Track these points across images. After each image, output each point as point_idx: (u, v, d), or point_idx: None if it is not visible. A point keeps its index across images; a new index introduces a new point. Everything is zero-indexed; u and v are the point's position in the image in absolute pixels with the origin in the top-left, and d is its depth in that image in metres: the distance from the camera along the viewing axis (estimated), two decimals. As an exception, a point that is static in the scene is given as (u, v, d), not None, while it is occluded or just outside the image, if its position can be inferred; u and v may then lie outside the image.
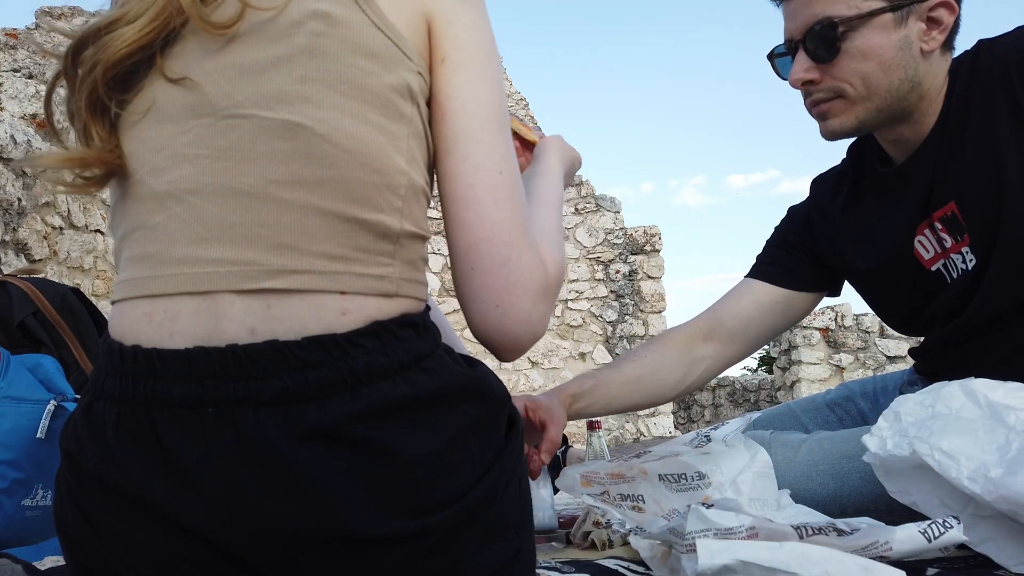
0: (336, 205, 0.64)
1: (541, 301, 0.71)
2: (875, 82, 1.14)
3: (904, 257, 1.26)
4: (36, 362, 1.26)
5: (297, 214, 0.63)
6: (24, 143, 3.11)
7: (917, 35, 1.14)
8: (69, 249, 3.56)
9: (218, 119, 0.65)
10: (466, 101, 0.71)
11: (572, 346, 8.04)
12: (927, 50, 1.14)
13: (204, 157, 0.65)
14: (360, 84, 0.65)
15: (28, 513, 1.15)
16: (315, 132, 0.64)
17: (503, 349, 0.72)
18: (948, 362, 1.27)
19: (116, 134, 0.69)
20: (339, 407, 0.60)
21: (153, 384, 0.62)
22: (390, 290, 0.66)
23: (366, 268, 0.65)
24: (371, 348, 0.62)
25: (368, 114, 0.65)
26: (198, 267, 0.64)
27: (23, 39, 4.23)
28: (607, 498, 1.06)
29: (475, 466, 0.66)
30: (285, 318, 0.62)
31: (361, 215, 0.65)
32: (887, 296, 1.35)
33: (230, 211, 0.64)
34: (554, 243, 0.76)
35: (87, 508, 0.65)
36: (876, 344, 7.65)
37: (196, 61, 0.66)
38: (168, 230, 0.65)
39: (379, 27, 0.66)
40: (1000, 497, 0.83)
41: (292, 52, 0.65)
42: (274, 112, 0.64)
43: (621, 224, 8.29)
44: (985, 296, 1.18)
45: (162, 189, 0.65)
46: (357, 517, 0.61)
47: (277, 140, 0.64)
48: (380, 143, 0.66)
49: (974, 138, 1.15)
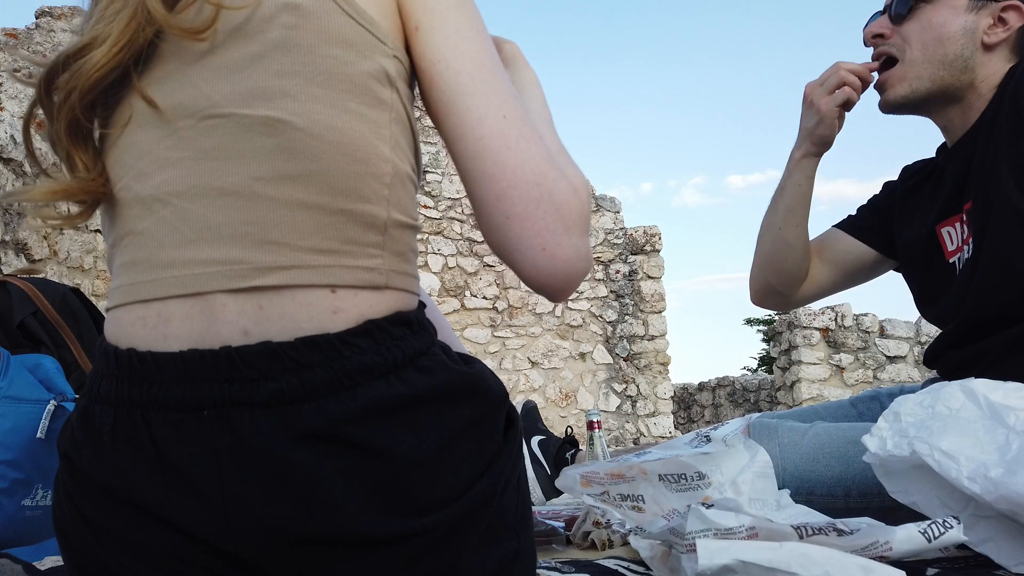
0: (321, 198, 0.64)
1: (583, 231, 0.68)
2: (931, 51, 1.27)
3: (931, 243, 1.34)
4: (36, 362, 1.26)
5: (283, 210, 0.63)
6: (24, 143, 3.11)
7: (984, 27, 1.26)
8: (69, 249, 3.56)
9: (199, 120, 0.65)
10: (449, 59, 0.69)
11: (572, 346, 8.04)
12: (988, 43, 1.26)
13: (188, 159, 0.65)
14: (336, 73, 0.65)
15: (28, 513, 1.15)
16: (295, 126, 0.63)
17: (559, 291, 0.69)
18: (952, 364, 1.28)
19: (101, 159, 0.69)
20: (334, 407, 0.60)
21: (149, 387, 0.62)
22: (379, 282, 0.66)
23: (355, 260, 0.65)
24: (365, 347, 0.62)
25: (347, 103, 0.65)
26: (187, 269, 0.63)
27: (23, 39, 4.23)
28: (607, 498, 1.06)
29: (473, 465, 0.65)
30: (278, 319, 0.62)
31: (347, 206, 0.64)
32: (914, 282, 1.44)
33: (216, 211, 0.64)
34: (571, 163, 0.72)
35: (85, 511, 0.65)
36: (876, 344, 7.65)
37: (176, 69, 0.66)
38: (156, 234, 0.65)
39: (350, 14, 0.66)
40: (1000, 497, 0.83)
41: (266, 48, 0.64)
42: (253, 109, 0.64)
43: (621, 224, 8.29)
44: (975, 296, 1.22)
45: (147, 194, 0.65)
46: (354, 517, 0.61)
47: (258, 137, 0.63)
48: (362, 132, 0.65)
49: (997, 142, 1.21)
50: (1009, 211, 1.17)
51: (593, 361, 8.04)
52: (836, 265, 1.53)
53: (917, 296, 1.43)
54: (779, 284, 1.52)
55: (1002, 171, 1.18)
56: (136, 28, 0.65)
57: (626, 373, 8.00)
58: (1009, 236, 1.17)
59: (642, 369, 8.00)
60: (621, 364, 8.01)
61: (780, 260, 1.50)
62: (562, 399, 7.88)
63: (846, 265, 1.53)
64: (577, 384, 7.96)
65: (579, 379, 7.98)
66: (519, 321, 8.00)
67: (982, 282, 1.21)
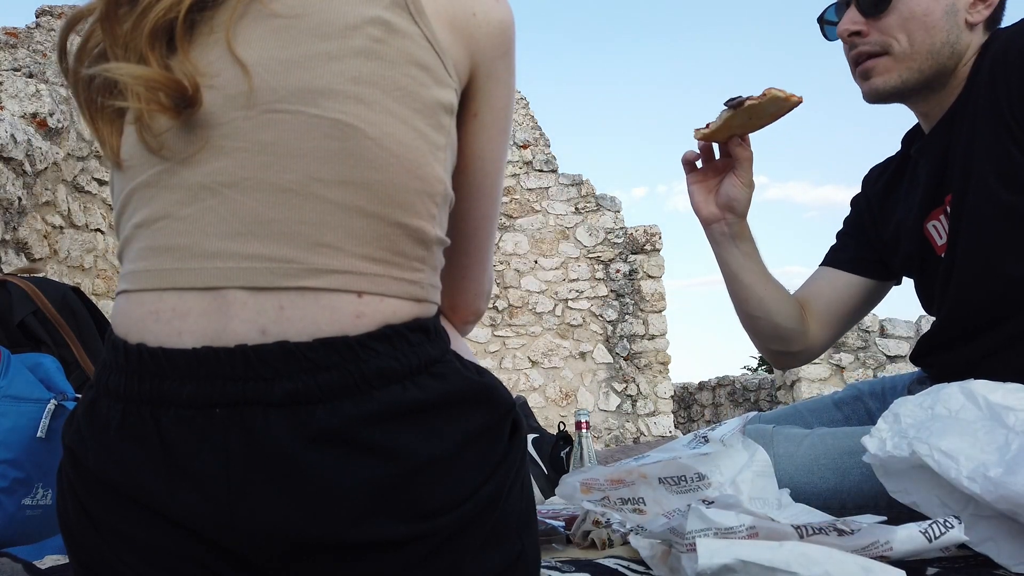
0: (380, 208, 0.64)
1: None
2: (919, 41, 1.18)
3: (921, 242, 1.28)
4: (36, 361, 1.26)
5: (341, 214, 0.63)
6: (24, 142, 3.11)
7: (965, 5, 1.18)
8: (69, 248, 3.56)
9: (260, 113, 0.63)
10: (486, 160, 0.78)
11: (572, 345, 8.03)
12: (971, 21, 1.18)
13: (243, 151, 0.63)
14: (412, 92, 0.66)
15: (28, 512, 1.15)
16: (366, 134, 0.64)
17: None
18: (942, 364, 1.28)
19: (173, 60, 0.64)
20: (348, 410, 0.60)
21: (160, 383, 0.62)
22: (421, 295, 0.68)
23: (402, 272, 0.66)
24: (382, 352, 0.62)
25: (416, 122, 0.66)
26: (232, 262, 0.63)
27: (23, 38, 4.23)
28: (607, 503, 1.06)
29: (480, 471, 0.66)
30: (298, 320, 0.62)
31: (403, 219, 0.66)
32: (915, 283, 1.37)
33: (269, 207, 0.63)
34: (491, 256, 0.89)
35: (88, 505, 0.65)
36: (876, 344, 7.64)
37: (242, 44, 0.64)
38: (201, 222, 0.64)
39: (431, 43, 0.67)
40: (1000, 497, 0.83)
41: (346, 52, 0.64)
42: (321, 109, 0.63)
43: (621, 223, 8.28)
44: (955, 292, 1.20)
45: (196, 180, 0.64)
46: (363, 519, 0.61)
47: (324, 138, 0.63)
48: (424, 151, 0.67)
49: (972, 129, 1.16)
50: (991, 206, 1.13)
51: (593, 360, 8.04)
52: (842, 303, 1.42)
53: (919, 296, 1.39)
54: (783, 345, 1.42)
55: (982, 163, 1.13)
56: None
57: (626, 372, 8.00)
58: (990, 229, 1.13)
59: (642, 368, 7.99)
60: (621, 363, 8.01)
61: (768, 324, 1.39)
62: (562, 398, 7.88)
63: (852, 300, 1.42)
64: (577, 383, 7.96)
65: (579, 378, 7.98)
66: (519, 320, 8.00)
67: (962, 279, 1.18)
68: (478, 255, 0.84)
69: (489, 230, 0.83)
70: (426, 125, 0.67)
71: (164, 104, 0.63)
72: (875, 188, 1.41)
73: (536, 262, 8.17)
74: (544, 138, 8.77)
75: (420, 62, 0.66)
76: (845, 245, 1.46)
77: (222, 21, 0.65)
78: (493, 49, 0.73)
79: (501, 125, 0.77)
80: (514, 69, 0.77)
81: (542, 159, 8.41)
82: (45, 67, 4.07)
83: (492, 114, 0.76)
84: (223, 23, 0.65)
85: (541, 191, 8.33)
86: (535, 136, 8.66)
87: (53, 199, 3.41)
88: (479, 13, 0.71)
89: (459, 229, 0.78)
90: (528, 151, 8.41)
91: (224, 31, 0.64)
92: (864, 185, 1.46)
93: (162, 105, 0.63)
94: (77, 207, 3.67)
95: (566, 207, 8.29)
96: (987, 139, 1.13)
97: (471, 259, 0.83)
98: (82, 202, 3.72)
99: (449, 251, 0.74)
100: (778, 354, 1.46)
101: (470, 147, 0.76)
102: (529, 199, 8.30)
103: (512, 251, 8.16)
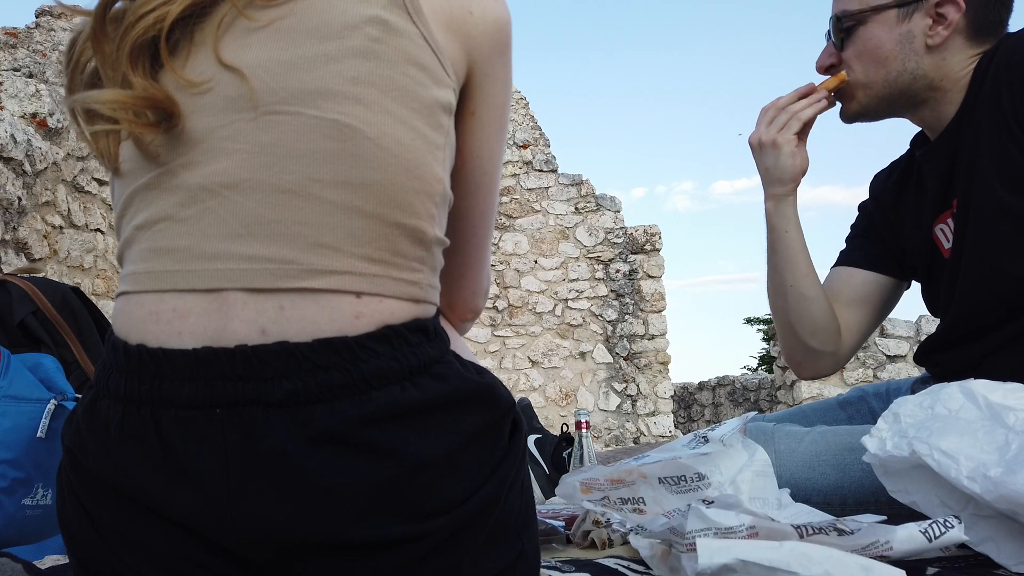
0: (380, 208, 0.64)
1: None
2: (872, 72, 1.25)
3: (930, 245, 1.30)
4: (36, 361, 1.26)
5: (340, 215, 0.63)
6: (24, 142, 3.11)
7: (922, 30, 1.21)
8: (69, 248, 3.56)
9: (260, 114, 0.64)
10: (483, 158, 0.78)
11: (572, 345, 8.04)
12: (933, 45, 1.20)
13: (242, 152, 0.63)
14: (411, 92, 0.66)
15: (28, 512, 1.15)
16: (365, 135, 0.64)
17: None
18: (946, 364, 1.28)
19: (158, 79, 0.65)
20: (348, 410, 0.60)
21: (160, 384, 0.62)
22: (420, 296, 0.68)
23: (400, 272, 0.66)
24: (382, 352, 0.62)
25: (414, 122, 0.66)
26: (232, 263, 0.63)
27: (23, 38, 4.23)
28: (608, 503, 1.06)
29: (479, 471, 0.66)
30: (298, 320, 0.62)
31: (402, 220, 0.66)
32: (921, 285, 1.38)
33: (268, 208, 0.63)
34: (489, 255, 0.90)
35: (88, 505, 0.65)
36: (876, 343, 7.64)
37: (239, 48, 0.65)
38: (201, 224, 0.64)
39: (429, 42, 0.67)
40: (1000, 496, 0.83)
41: (344, 53, 0.64)
42: (320, 111, 0.63)
43: (621, 223, 8.29)
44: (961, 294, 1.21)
45: (195, 182, 0.64)
46: (362, 519, 0.61)
47: (323, 139, 0.63)
48: (423, 151, 0.67)
49: (977, 134, 1.18)
50: (994, 207, 1.14)
51: (593, 360, 8.04)
52: (863, 302, 1.40)
53: (925, 297, 1.39)
54: (818, 343, 1.37)
55: (986, 166, 1.15)
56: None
57: (626, 372, 8.00)
58: (994, 232, 1.14)
59: (642, 368, 8.00)
60: (621, 363, 8.01)
61: (807, 317, 1.36)
62: (562, 398, 7.88)
63: (872, 298, 1.40)
64: (577, 383, 7.96)
65: (579, 378, 7.98)
66: (519, 320, 8.01)
67: (967, 281, 1.19)
68: (476, 253, 0.84)
69: (487, 228, 0.84)
70: (425, 125, 0.67)
71: (149, 121, 0.64)
72: (885, 192, 1.42)
73: (536, 262, 8.17)
74: (544, 138, 8.77)
75: (418, 61, 0.66)
76: (859, 246, 1.44)
77: (212, 29, 0.65)
78: (490, 47, 0.73)
79: (498, 123, 0.78)
80: (511, 67, 0.77)
81: (542, 159, 8.42)
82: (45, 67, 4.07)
83: (490, 112, 0.76)
84: (212, 31, 0.65)
85: (541, 191, 8.33)
86: (535, 136, 8.66)
87: (53, 199, 3.41)
88: (476, 12, 0.71)
89: (457, 227, 0.79)
90: (528, 151, 8.41)
91: (213, 39, 0.65)
92: (872, 191, 1.47)
93: (147, 123, 0.64)
94: (77, 207, 3.67)
95: (566, 207, 8.30)
96: (991, 143, 1.14)
97: (469, 257, 0.83)
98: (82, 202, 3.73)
99: (447, 249, 0.74)
100: (812, 353, 1.39)
101: (468, 145, 0.76)
102: (529, 199, 8.31)
103: (512, 251, 8.16)
